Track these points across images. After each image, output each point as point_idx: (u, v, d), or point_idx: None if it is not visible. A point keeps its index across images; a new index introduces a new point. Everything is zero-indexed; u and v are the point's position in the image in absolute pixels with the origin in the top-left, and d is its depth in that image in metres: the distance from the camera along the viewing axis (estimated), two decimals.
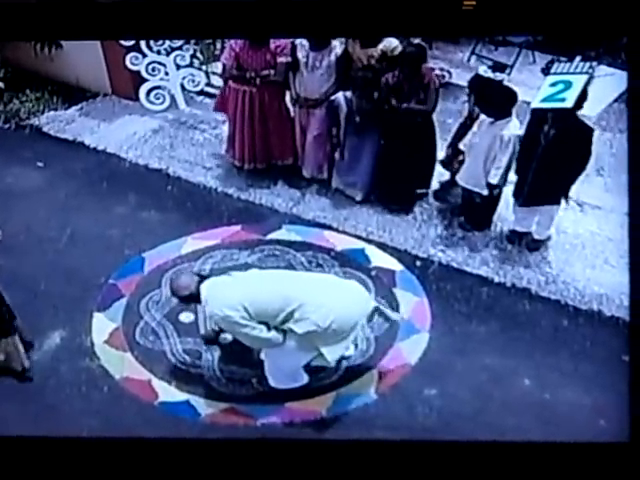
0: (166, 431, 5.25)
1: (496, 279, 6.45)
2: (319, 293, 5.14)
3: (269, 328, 5.07)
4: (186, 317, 6.05)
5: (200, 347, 5.84)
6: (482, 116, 6.50)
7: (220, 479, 4.96)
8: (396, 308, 6.09)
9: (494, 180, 6.46)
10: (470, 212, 6.94)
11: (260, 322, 5.04)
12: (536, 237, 6.73)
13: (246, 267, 6.25)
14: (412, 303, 6.19)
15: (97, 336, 5.91)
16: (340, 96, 6.89)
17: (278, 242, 6.81)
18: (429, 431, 5.26)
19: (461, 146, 6.76)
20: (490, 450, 4.96)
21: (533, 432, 5.18)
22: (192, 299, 5.22)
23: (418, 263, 6.59)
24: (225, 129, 7.80)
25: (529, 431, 5.19)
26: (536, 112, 6.14)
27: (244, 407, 5.44)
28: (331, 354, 5.17)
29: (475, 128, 6.58)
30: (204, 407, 5.44)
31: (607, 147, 7.24)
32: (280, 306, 5.02)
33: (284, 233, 6.94)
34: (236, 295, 5.02)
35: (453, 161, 7.03)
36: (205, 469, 4.95)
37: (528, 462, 4.90)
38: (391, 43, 6.88)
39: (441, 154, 7.20)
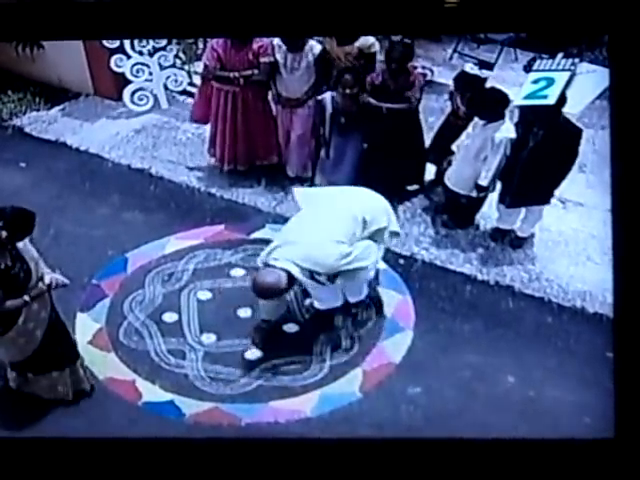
0: (150, 431, 5.23)
1: (479, 277, 6.45)
2: (366, 199, 5.76)
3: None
4: (170, 317, 6.05)
5: (184, 347, 5.83)
6: (475, 118, 6.51)
7: (205, 479, 4.95)
8: (380, 307, 6.12)
9: (484, 182, 6.46)
10: (454, 211, 6.94)
11: None
12: (519, 234, 6.74)
13: (230, 267, 6.27)
14: (396, 301, 6.19)
15: (81, 337, 5.85)
16: (327, 96, 6.89)
17: (262, 241, 6.77)
18: (414, 429, 5.27)
19: (453, 147, 6.75)
20: (475, 448, 4.97)
21: (518, 429, 5.19)
22: (287, 289, 5.40)
23: (401, 261, 6.59)
24: (208, 129, 7.78)
25: (514, 428, 5.20)
26: (525, 113, 6.17)
27: (229, 407, 5.43)
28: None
29: (470, 130, 6.58)
30: (188, 407, 5.43)
31: (589, 144, 7.21)
32: (356, 225, 5.50)
33: (268, 232, 6.89)
34: (331, 238, 5.39)
35: (442, 159, 7.04)
36: (190, 469, 4.94)
37: (513, 459, 4.92)
38: (367, 40, 6.90)
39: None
